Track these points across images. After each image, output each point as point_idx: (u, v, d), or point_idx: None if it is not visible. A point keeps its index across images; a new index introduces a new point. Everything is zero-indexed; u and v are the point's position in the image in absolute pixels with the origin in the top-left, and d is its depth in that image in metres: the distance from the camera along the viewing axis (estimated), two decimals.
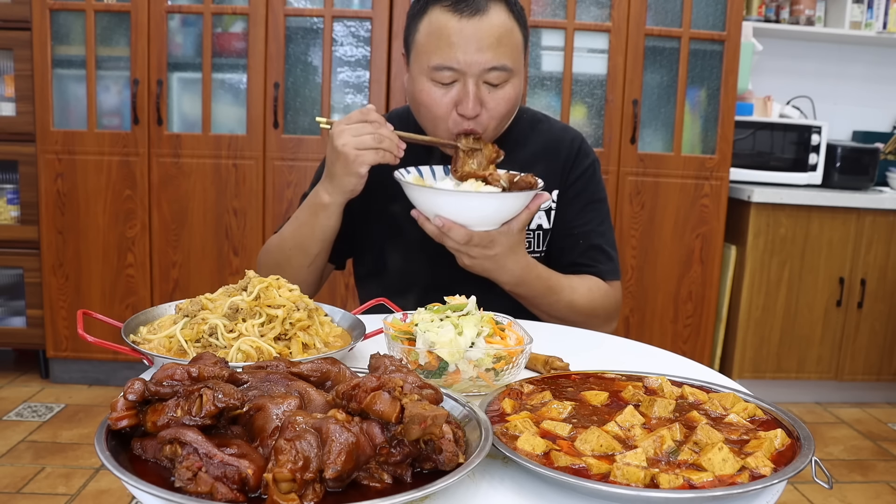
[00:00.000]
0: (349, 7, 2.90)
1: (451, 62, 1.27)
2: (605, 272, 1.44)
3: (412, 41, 1.34)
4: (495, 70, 1.28)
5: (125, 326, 1.00)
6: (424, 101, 1.32)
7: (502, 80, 1.30)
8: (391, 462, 0.65)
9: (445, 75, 1.28)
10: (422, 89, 1.31)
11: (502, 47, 1.28)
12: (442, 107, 1.30)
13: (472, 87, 1.28)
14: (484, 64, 1.27)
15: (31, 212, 2.95)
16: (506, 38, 1.29)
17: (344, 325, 1.10)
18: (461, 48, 1.26)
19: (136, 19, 2.79)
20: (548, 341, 1.18)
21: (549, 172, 1.45)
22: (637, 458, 0.70)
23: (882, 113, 3.74)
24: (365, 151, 1.24)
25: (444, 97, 1.30)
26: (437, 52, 1.28)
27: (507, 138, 1.45)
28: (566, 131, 1.52)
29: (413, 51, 1.34)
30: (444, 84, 1.30)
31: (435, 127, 1.34)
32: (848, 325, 3.16)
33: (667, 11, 2.92)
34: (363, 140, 1.24)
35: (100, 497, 2.21)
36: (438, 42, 1.28)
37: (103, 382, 3.08)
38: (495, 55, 1.27)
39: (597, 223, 1.46)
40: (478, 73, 1.28)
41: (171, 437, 0.63)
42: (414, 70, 1.34)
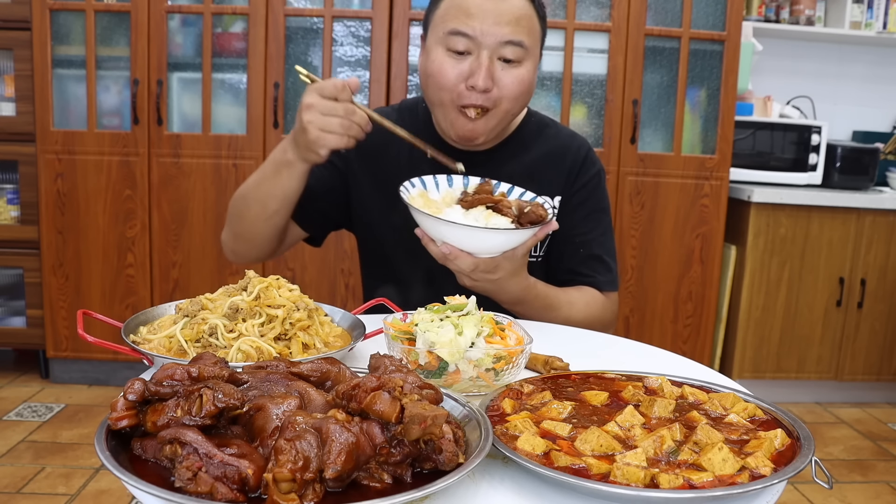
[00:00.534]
0: (349, 7, 2.90)
1: (468, 29, 1.25)
2: (602, 283, 1.44)
3: (432, 17, 1.33)
4: (511, 44, 1.26)
5: (125, 326, 1.00)
6: (434, 70, 1.29)
7: (518, 58, 1.28)
8: (391, 462, 0.65)
9: (460, 42, 1.26)
10: (434, 59, 1.29)
11: (521, 26, 1.27)
12: (451, 78, 1.28)
13: (485, 59, 1.26)
14: (501, 36, 1.25)
15: (31, 212, 2.95)
16: (525, 20, 1.28)
17: (344, 325, 1.10)
18: (479, 18, 1.25)
19: (136, 19, 2.79)
20: (548, 341, 1.18)
21: (554, 178, 1.44)
22: (637, 458, 0.70)
23: (882, 113, 3.75)
24: (329, 135, 1.20)
25: (455, 68, 1.28)
26: (455, 19, 1.26)
27: (514, 140, 1.44)
28: (573, 138, 1.50)
29: (432, 23, 1.32)
30: (457, 52, 1.27)
31: (440, 100, 1.31)
32: (848, 325, 3.16)
33: (667, 11, 2.92)
34: (329, 122, 1.20)
35: (100, 497, 2.21)
36: (458, 11, 1.27)
37: (103, 382, 3.08)
38: (513, 30, 1.26)
39: (598, 233, 1.45)
40: (493, 46, 1.26)
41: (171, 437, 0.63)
42: (431, 41, 1.32)
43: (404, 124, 1.46)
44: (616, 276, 1.47)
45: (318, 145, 1.21)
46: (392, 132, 1.29)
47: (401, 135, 1.29)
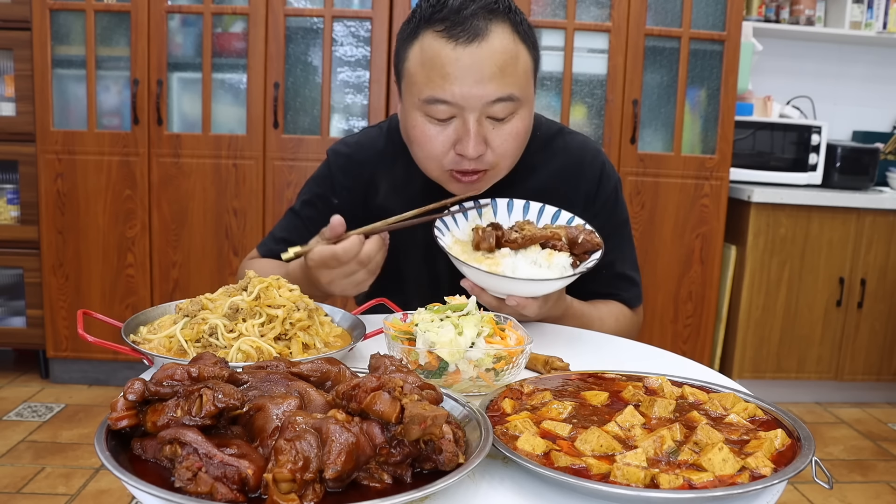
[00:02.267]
0: (349, 7, 2.90)
1: (447, 95, 1.12)
2: (629, 300, 1.41)
3: (402, 69, 1.19)
4: (500, 102, 1.13)
5: (125, 326, 1.00)
6: (418, 138, 1.18)
7: (508, 113, 1.16)
8: (391, 462, 0.65)
9: (441, 109, 1.14)
10: (415, 125, 1.17)
11: (507, 76, 1.13)
12: (437, 146, 1.17)
13: (472, 125, 1.13)
14: (485, 97, 1.12)
15: (31, 212, 2.95)
16: (510, 66, 1.13)
17: (344, 325, 1.10)
18: (458, 80, 1.11)
19: (136, 19, 2.79)
20: (548, 341, 1.18)
21: (569, 197, 1.34)
22: (637, 458, 0.70)
23: (882, 113, 3.75)
24: (363, 283, 1.13)
25: (440, 135, 1.16)
26: (430, 85, 1.12)
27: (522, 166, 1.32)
28: (585, 149, 1.39)
29: (405, 79, 1.19)
30: (439, 120, 1.15)
31: (429, 169, 1.23)
32: (848, 325, 3.16)
33: (667, 11, 2.92)
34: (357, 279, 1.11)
35: (100, 497, 2.21)
36: (431, 73, 1.12)
37: (103, 382, 3.08)
38: (499, 85, 1.12)
39: (620, 249, 1.40)
40: (479, 108, 1.13)
41: (171, 437, 0.63)
42: (406, 102, 1.20)
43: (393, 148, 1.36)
44: (640, 289, 1.44)
45: (358, 292, 1.16)
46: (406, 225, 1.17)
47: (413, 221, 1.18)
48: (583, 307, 1.32)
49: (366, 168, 1.39)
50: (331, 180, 1.40)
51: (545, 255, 1.16)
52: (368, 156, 1.40)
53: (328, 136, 2.88)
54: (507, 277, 1.09)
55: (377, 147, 1.40)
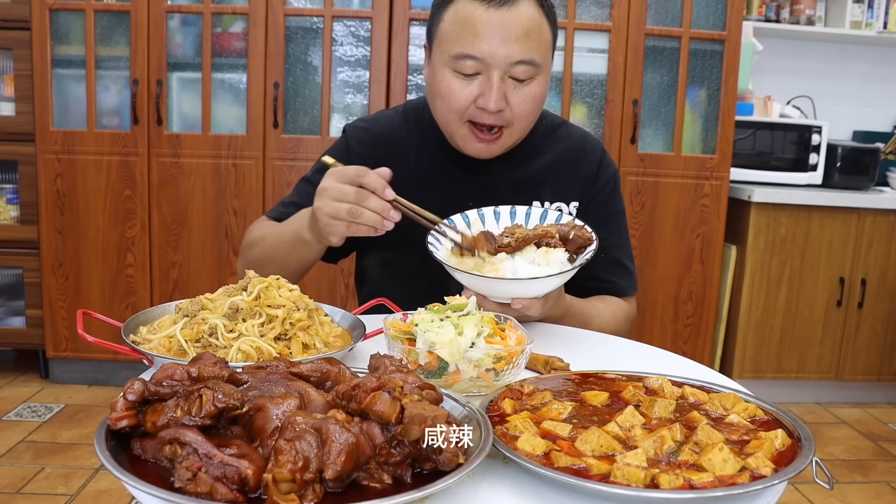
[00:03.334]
0: (349, 7, 2.90)
1: (475, 51, 1.22)
2: (623, 288, 1.45)
3: (436, 30, 1.29)
4: (522, 64, 1.23)
5: (125, 326, 1.00)
6: (443, 91, 1.26)
7: (529, 76, 1.25)
8: (391, 462, 0.65)
9: (468, 65, 1.23)
10: (442, 80, 1.26)
11: (531, 41, 1.22)
12: (461, 99, 1.25)
13: (496, 80, 1.23)
14: (510, 57, 1.22)
15: (31, 212, 2.95)
16: (534, 32, 1.23)
17: (344, 325, 1.10)
18: (487, 38, 1.21)
19: (136, 19, 2.79)
20: (548, 341, 1.18)
21: (570, 182, 1.42)
22: (637, 458, 0.70)
23: (882, 113, 3.74)
24: (336, 222, 1.13)
25: (464, 89, 1.25)
26: (461, 41, 1.22)
27: (526, 144, 1.41)
28: (586, 139, 1.47)
29: (436, 40, 1.28)
30: (465, 75, 1.24)
31: (448, 122, 1.29)
32: (848, 325, 3.16)
33: (667, 11, 2.92)
34: (337, 209, 1.12)
35: (99, 497, 2.21)
36: (463, 31, 1.22)
37: (103, 382, 3.08)
38: (523, 48, 1.22)
39: (617, 237, 1.45)
40: (503, 66, 1.22)
41: (170, 437, 0.63)
42: (436, 60, 1.29)
43: (408, 129, 1.45)
44: (635, 278, 1.48)
45: (326, 232, 1.15)
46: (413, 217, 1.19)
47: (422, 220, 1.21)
48: (581, 305, 1.34)
49: (381, 142, 1.44)
50: (347, 150, 1.45)
51: (542, 254, 1.16)
52: (385, 131, 1.45)
53: (328, 136, 2.88)
54: (509, 280, 1.09)
55: (394, 125, 1.46)
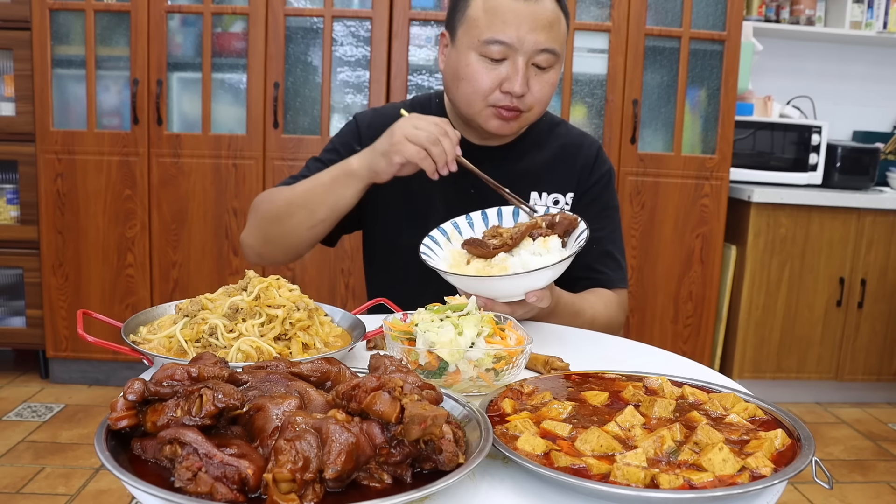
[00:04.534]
0: (349, 7, 2.90)
1: (505, 37, 1.28)
2: (615, 280, 1.46)
3: (463, 16, 1.34)
4: (546, 52, 1.30)
5: (125, 326, 1.00)
6: (469, 74, 1.32)
7: (549, 64, 1.33)
8: (391, 462, 0.65)
9: (496, 50, 1.29)
10: (468, 63, 1.32)
11: (553, 31, 1.31)
12: (487, 82, 1.31)
13: (521, 66, 1.30)
14: (537, 44, 1.29)
15: (31, 212, 2.95)
16: (557, 25, 1.32)
17: (344, 325, 1.10)
18: (516, 26, 1.28)
19: (136, 19, 2.79)
20: (548, 341, 1.18)
21: (567, 175, 1.47)
22: (637, 458, 0.70)
23: (882, 113, 3.74)
24: (410, 144, 1.21)
25: (491, 73, 1.31)
26: (492, 27, 1.29)
27: (529, 137, 1.48)
28: (584, 137, 1.53)
29: (464, 24, 1.34)
30: (492, 60, 1.30)
31: (471, 104, 1.34)
32: (848, 325, 3.16)
33: (667, 11, 2.92)
34: (418, 134, 1.22)
35: (100, 497, 2.21)
36: (494, 18, 1.29)
37: (103, 382, 3.08)
38: (548, 37, 1.30)
39: (609, 230, 1.48)
40: (530, 53, 1.30)
41: (170, 437, 0.63)
42: (462, 44, 1.34)
43: None
44: (626, 274, 1.51)
45: (395, 149, 1.22)
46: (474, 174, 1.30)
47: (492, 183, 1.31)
48: (572, 297, 1.35)
49: None
50: (358, 133, 1.48)
51: (541, 243, 1.17)
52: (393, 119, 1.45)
53: (328, 136, 2.88)
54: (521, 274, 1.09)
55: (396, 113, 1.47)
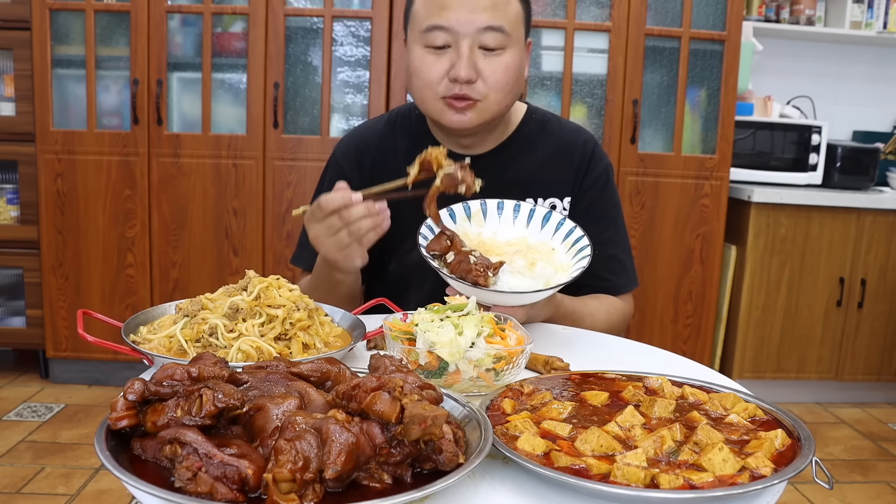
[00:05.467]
0: (349, 7, 2.90)
1: (443, 21, 1.23)
2: (620, 287, 1.43)
3: (409, 14, 1.32)
4: (491, 30, 1.24)
5: (125, 326, 1.00)
6: (416, 68, 1.28)
7: (499, 45, 1.25)
8: (391, 462, 0.65)
9: (438, 37, 1.25)
10: (415, 56, 1.28)
11: (498, 10, 1.24)
12: (434, 73, 1.26)
13: (465, 49, 1.24)
14: (478, 23, 1.23)
15: (31, 212, 2.95)
16: (502, 4, 1.25)
17: (344, 325, 1.10)
18: (454, 8, 1.23)
19: (136, 19, 2.79)
20: (548, 341, 1.18)
21: (562, 178, 1.41)
22: (637, 458, 0.70)
23: (882, 113, 3.74)
24: (347, 250, 1.17)
25: (436, 63, 1.26)
26: (430, 14, 1.25)
27: (516, 140, 1.42)
28: (578, 133, 1.46)
29: (410, 22, 1.32)
30: (436, 48, 1.26)
31: (424, 100, 1.30)
32: (848, 325, 3.16)
33: (667, 11, 2.92)
34: (340, 240, 1.16)
35: (100, 497, 2.21)
36: (432, 4, 1.25)
37: (103, 382, 3.08)
38: (491, 15, 1.23)
39: (612, 232, 1.43)
40: (472, 34, 1.24)
41: (170, 437, 0.63)
42: (409, 40, 1.31)
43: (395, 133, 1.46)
44: (632, 274, 1.45)
45: (348, 263, 1.19)
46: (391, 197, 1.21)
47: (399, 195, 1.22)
48: (574, 304, 1.33)
49: (366, 149, 1.46)
50: (340, 170, 1.46)
51: (527, 265, 1.16)
52: (368, 140, 1.47)
53: (328, 136, 2.88)
54: (490, 291, 1.08)
55: (376, 132, 1.48)
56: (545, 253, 1.21)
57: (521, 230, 1.26)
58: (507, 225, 1.27)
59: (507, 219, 1.27)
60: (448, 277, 1.11)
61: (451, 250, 1.16)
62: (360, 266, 1.21)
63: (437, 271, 1.13)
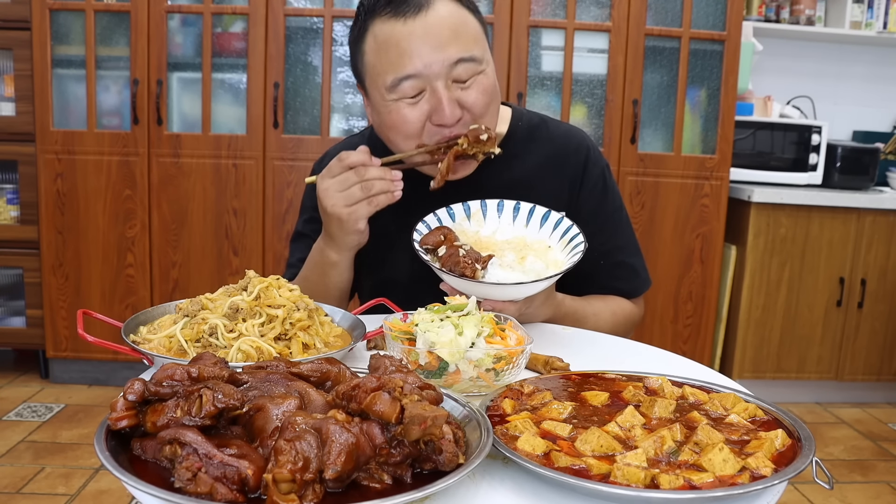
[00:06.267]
0: (349, 7, 2.90)
1: (409, 69, 1.13)
2: (629, 292, 1.39)
3: (363, 66, 1.20)
4: (462, 62, 1.15)
5: (125, 326, 1.00)
6: (394, 122, 1.17)
7: (472, 74, 1.17)
8: (391, 462, 0.65)
9: (409, 86, 1.14)
10: (388, 112, 1.17)
11: (461, 38, 1.15)
12: (413, 123, 1.16)
13: (442, 91, 1.14)
14: (447, 59, 1.13)
15: (31, 212, 2.95)
16: (462, 29, 1.15)
17: (344, 325, 1.10)
18: (417, 51, 1.12)
19: (136, 19, 2.79)
20: (548, 341, 1.18)
21: (556, 188, 1.33)
22: (637, 458, 0.70)
23: (882, 113, 3.74)
24: (357, 206, 1.12)
25: (414, 111, 1.16)
26: (391, 66, 1.14)
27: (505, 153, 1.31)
28: (570, 136, 1.37)
29: (367, 75, 1.20)
30: (411, 97, 1.16)
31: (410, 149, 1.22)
32: (848, 325, 3.16)
33: (667, 11, 2.92)
34: (352, 194, 1.12)
35: (99, 497, 2.21)
36: (389, 54, 1.14)
37: (103, 382, 3.08)
38: (457, 47, 1.14)
39: (617, 237, 1.37)
40: (444, 73, 1.14)
41: (170, 437, 0.63)
42: (374, 97, 1.20)
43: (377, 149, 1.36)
44: (642, 276, 1.40)
45: (352, 222, 1.14)
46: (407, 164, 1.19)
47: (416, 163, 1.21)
48: (575, 304, 1.30)
49: None
50: None
51: (517, 260, 1.15)
52: None
53: (328, 136, 2.88)
54: (477, 282, 1.08)
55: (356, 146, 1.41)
56: (540, 251, 1.20)
57: (521, 229, 1.26)
58: (506, 224, 1.26)
59: (506, 218, 1.26)
60: (439, 271, 1.11)
61: (443, 244, 1.16)
62: (362, 230, 1.17)
63: (429, 265, 1.12)
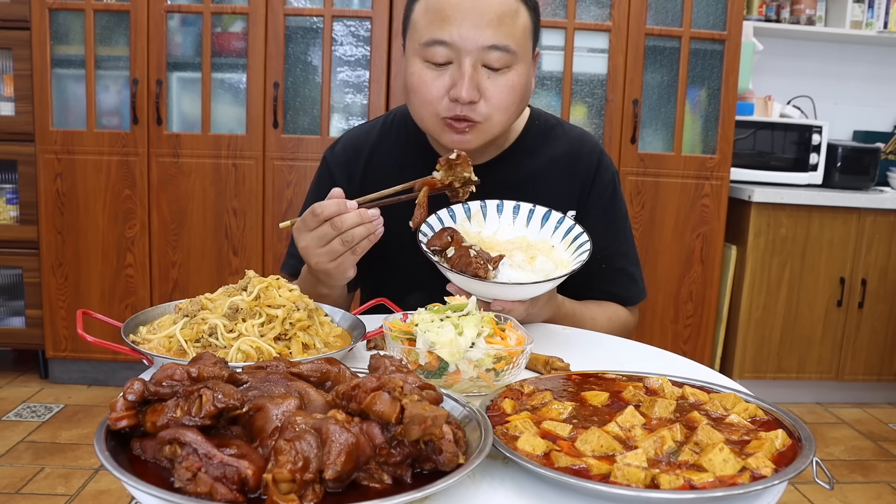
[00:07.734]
0: (349, 7, 2.90)
1: (445, 35, 1.15)
2: (626, 300, 1.40)
3: (408, 21, 1.23)
4: (496, 50, 1.15)
5: (125, 326, 1.00)
6: (414, 84, 1.19)
7: (504, 64, 1.17)
8: (391, 462, 0.64)
9: (439, 52, 1.16)
10: (413, 71, 1.19)
11: (505, 26, 1.15)
12: (433, 90, 1.18)
13: (468, 68, 1.15)
14: (482, 41, 1.14)
15: (31, 212, 2.95)
16: (509, 18, 1.16)
17: (344, 325, 1.10)
18: (457, 23, 1.14)
19: (136, 19, 2.79)
20: (548, 341, 1.18)
21: (566, 190, 1.35)
22: (637, 458, 0.70)
23: (883, 112, 3.74)
24: (341, 259, 1.11)
25: (437, 80, 1.18)
26: (431, 27, 1.16)
27: (517, 150, 1.35)
28: (583, 141, 1.39)
29: (409, 30, 1.22)
30: (437, 64, 1.17)
31: (423, 118, 1.24)
32: (849, 325, 3.16)
33: (667, 11, 2.92)
34: (333, 249, 1.09)
35: (99, 497, 2.21)
36: (434, 17, 1.16)
37: (103, 382, 3.08)
38: (496, 33, 1.15)
39: (619, 243, 1.39)
40: (475, 52, 1.15)
41: (170, 437, 0.63)
42: (408, 51, 1.22)
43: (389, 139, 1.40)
44: (640, 285, 1.42)
45: (340, 274, 1.13)
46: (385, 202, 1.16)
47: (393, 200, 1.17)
48: (574, 307, 1.31)
49: (358, 153, 1.40)
50: (330, 177, 1.41)
51: (527, 260, 1.15)
52: (361, 144, 1.42)
53: (328, 135, 2.88)
54: (490, 282, 1.08)
55: (371, 137, 1.42)
56: (545, 250, 1.21)
57: (521, 230, 1.26)
58: (506, 224, 1.26)
59: (506, 218, 1.26)
60: (448, 272, 1.11)
61: (451, 246, 1.16)
62: (351, 276, 1.16)
63: (438, 265, 1.12)
